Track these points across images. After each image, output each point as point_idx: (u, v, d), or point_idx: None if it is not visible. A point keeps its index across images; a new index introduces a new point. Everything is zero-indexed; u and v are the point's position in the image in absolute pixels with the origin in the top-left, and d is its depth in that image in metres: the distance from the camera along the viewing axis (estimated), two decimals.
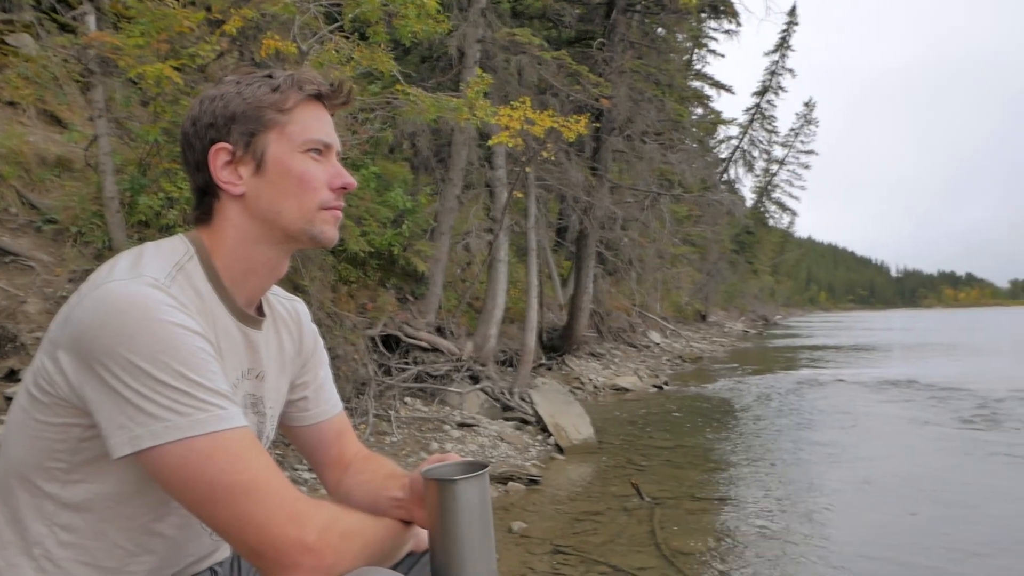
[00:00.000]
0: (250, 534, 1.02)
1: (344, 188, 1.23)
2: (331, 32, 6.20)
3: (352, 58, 5.89)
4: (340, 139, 1.28)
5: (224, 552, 1.34)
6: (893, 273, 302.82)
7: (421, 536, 1.31)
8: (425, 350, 8.43)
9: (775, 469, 6.68)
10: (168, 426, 1.00)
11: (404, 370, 7.96)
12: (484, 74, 7.15)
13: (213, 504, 1.03)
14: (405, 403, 7.64)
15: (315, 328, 1.48)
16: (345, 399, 6.79)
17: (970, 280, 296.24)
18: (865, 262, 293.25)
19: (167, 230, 5.42)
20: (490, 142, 8.63)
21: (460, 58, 9.62)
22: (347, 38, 6.36)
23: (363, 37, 6.74)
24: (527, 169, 9.72)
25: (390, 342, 8.16)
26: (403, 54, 9.27)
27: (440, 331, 9.14)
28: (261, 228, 1.21)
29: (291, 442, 1.50)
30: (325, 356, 1.50)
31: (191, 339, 1.05)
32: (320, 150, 1.22)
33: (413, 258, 8.57)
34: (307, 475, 5.19)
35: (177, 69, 5.14)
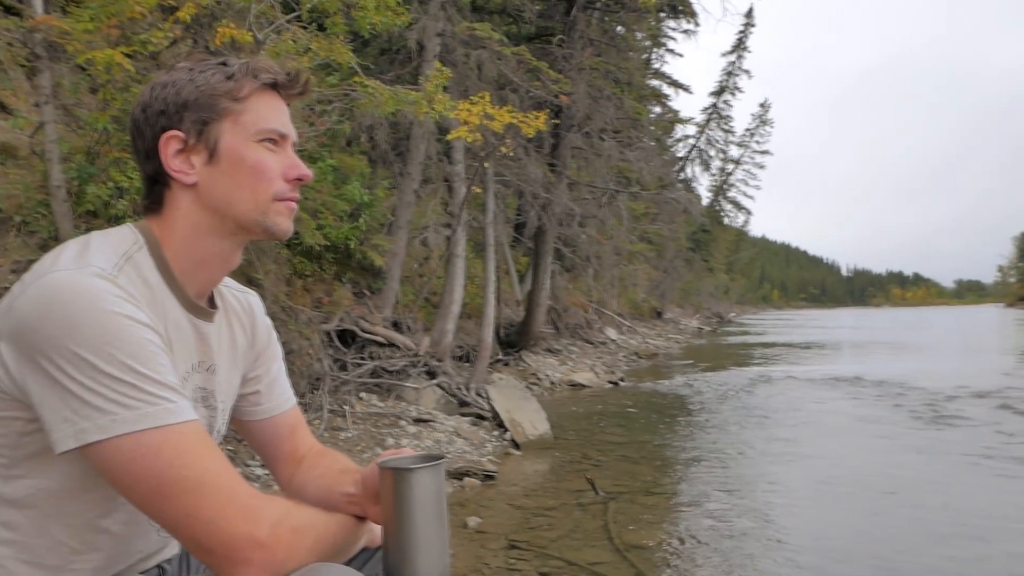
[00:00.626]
0: (199, 530, 1.00)
1: (300, 180, 1.21)
2: (288, 22, 6.11)
3: (310, 49, 5.82)
4: (296, 130, 1.26)
5: (172, 549, 1.32)
6: (844, 272, 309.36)
7: (375, 532, 1.30)
8: (381, 345, 8.38)
9: (728, 465, 6.78)
10: (115, 419, 0.97)
11: (360, 365, 7.90)
12: (443, 68, 7.12)
13: (161, 500, 1.00)
14: (360, 398, 7.59)
15: (269, 321, 1.46)
16: (299, 394, 6.71)
17: (917, 280, 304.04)
18: (817, 261, 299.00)
19: (116, 220, 5.30)
20: (449, 137, 8.60)
21: (419, 51, 9.57)
22: (305, 28, 6.29)
23: (321, 28, 6.66)
24: (486, 164, 9.71)
25: (346, 337, 8.10)
26: (362, 46, 9.18)
27: (397, 326, 9.09)
28: (213, 218, 1.18)
29: (243, 437, 1.48)
30: (279, 350, 1.48)
31: (139, 331, 1.02)
32: (275, 140, 1.20)
33: (370, 252, 8.51)
34: (260, 471, 5.12)
35: (128, 56, 5.02)
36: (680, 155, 43.15)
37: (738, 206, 51.58)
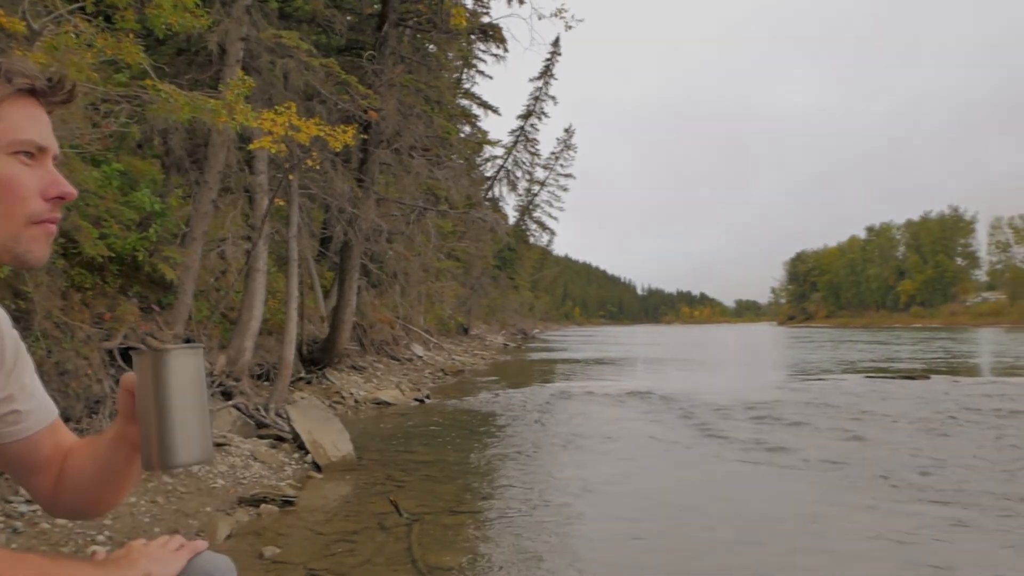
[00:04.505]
0: None
1: (61, 198, 1.08)
2: (70, 13, 5.60)
3: (93, 44, 5.35)
4: (77, 131, 1.14)
5: None
6: (639, 291, 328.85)
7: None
8: None
9: (530, 481, 6.94)
10: None
11: None
12: (246, 76, 6.82)
13: None
14: None
15: (15, 333, 1.30)
16: (76, 419, 6.12)
17: (703, 299, 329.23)
18: (615, 280, 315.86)
19: None
20: (251, 146, 8.24)
21: (221, 55, 9.09)
22: (90, 21, 5.78)
23: (108, 20, 6.17)
24: (290, 176, 9.39)
25: (130, 356, 7.48)
26: (156, 44, 8.59)
27: (189, 343, 8.53)
28: None
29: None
30: (30, 361, 1.32)
31: None
32: (32, 153, 1.06)
33: (160, 265, 7.94)
34: (24, 508, 4.60)
35: None
36: (488, 175, 44.09)
37: (543, 226, 53.40)
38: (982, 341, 43.49)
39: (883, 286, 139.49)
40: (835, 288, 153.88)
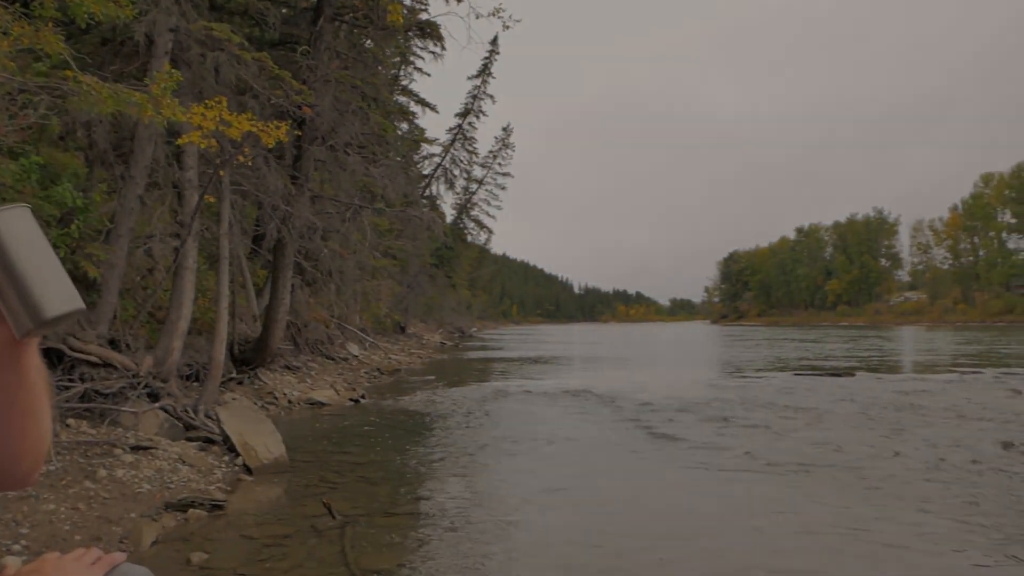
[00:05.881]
0: None
1: None
2: None
3: (10, 32, 5.13)
4: None
5: None
6: (576, 290, 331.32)
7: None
8: (95, 365, 7.56)
9: (466, 481, 6.92)
10: None
11: (68, 388, 7.07)
12: (174, 70, 6.62)
13: None
14: (68, 426, 6.79)
15: None
16: None
17: (639, 298, 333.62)
18: (553, 279, 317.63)
19: None
20: (180, 141, 8.02)
21: (148, 47, 8.81)
22: (5, 7, 5.54)
23: (26, 7, 5.92)
24: (221, 172, 9.16)
25: (51, 356, 7.21)
26: (79, 33, 8.28)
27: (114, 344, 8.26)
28: None
29: None
30: None
31: None
32: None
33: (83, 262, 7.66)
34: None
35: None
36: (426, 173, 43.93)
37: (480, 224, 53.39)
38: (904, 339, 45.17)
39: (811, 285, 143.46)
40: (766, 287, 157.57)
